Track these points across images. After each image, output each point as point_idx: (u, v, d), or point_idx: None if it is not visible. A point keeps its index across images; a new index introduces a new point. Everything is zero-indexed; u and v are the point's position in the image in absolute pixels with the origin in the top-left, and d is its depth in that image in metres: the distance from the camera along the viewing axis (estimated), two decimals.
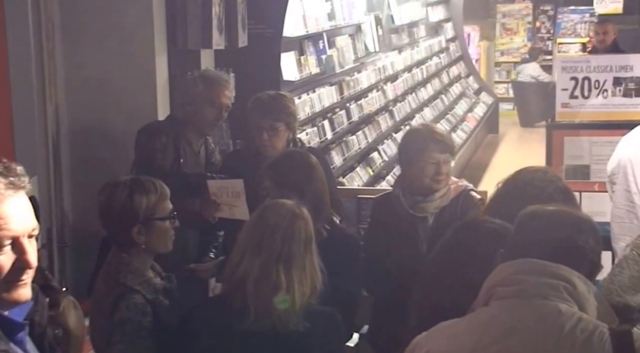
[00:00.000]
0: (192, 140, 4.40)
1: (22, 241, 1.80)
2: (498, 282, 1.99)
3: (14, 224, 1.79)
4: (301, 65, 6.90)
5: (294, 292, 2.68)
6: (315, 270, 2.77)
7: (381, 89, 9.25)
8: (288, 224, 2.74)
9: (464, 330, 1.97)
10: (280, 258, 2.69)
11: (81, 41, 4.80)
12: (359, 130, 8.22)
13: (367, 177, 8.03)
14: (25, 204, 1.83)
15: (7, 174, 1.81)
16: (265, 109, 4.19)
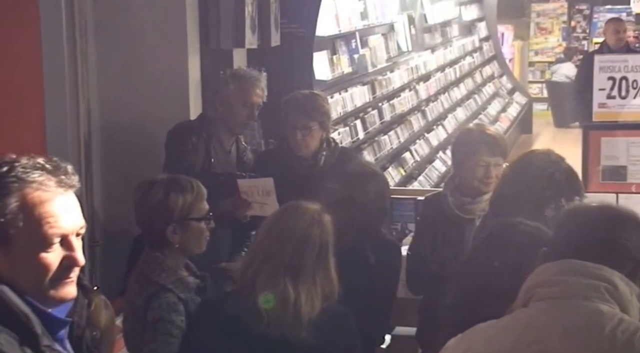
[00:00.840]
0: (224, 139, 4.41)
1: (70, 239, 1.83)
2: (538, 283, 1.96)
3: (64, 222, 1.81)
4: (333, 64, 6.89)
5: (301, 305, 2.63)
6: (328, 282, 2.70)
7: (413, 89, 9.21)
8: (303, 231, 2.68)
9: (502, 331, 1.95)
10: (290, 268, 2.64)
11: (113, 40, 4.82)
12: (391, 130, 8.20)
13: (399, 177, 8.00)
14: (74, 203, 1.86)
15: (56, 172, 1.83)
16: (300, 109, 4.19)
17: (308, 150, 4.19)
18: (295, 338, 2.62)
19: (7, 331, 1.75)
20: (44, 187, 1.80)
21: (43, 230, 1.78)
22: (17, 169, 1.80)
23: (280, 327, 2.62)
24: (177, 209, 3.06)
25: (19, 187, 1.78)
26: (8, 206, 1.77)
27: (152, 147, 4.54)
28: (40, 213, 1.78)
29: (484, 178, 3.61)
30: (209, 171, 4.26)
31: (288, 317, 2.62)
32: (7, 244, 1.79)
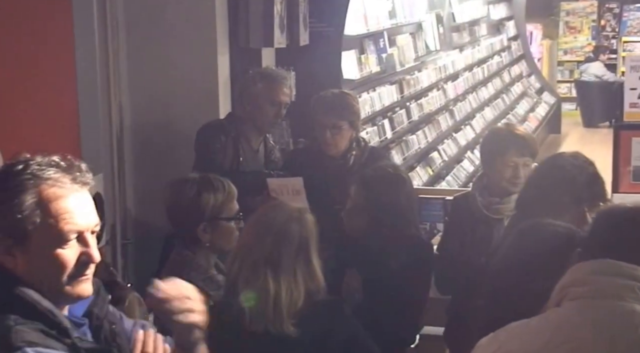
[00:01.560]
0: (252, 138, 4.43)
1: (86, 235, 1.84)
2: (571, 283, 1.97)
3: (80, 218, 1.83)
4: (361, 63, 6.90)
5: (282, 298, 2.61)
6: (311, 278, 2.67)
7: (441, 88, 9.20)
8: (281, 227, 2.66)
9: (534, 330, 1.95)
10: (269, 262, 2.62)
11: (144, 40, 4.86)
12: (419, 129, 8.19)
13: (427, 176, 7.99)
14: (89, 200, 1.87)
15: (71, 169, 1.85)
16: (329, 108, 4.19)
17: (338, 150, 4.19)
18: (279, 332, 2.60)
19: (36, 323, 1.77)
20: (60, 183, 1.81)
21: (60, 226, 1.80)
22: (32, 167, 1.81)
23: (263, 321, 2.61)
24: (208, 209, 3.09)
25: (34, 183, 1.80)
26: (25, 203, 1.78)
27: (182, 146, 4.58)
28: (56, 210, 1.80)
29: (513, 179, 3.58)
30: (237, 170, 4.29)
31: (269, 311, 2.60)
32: (25, 241, 1.80)
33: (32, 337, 1.74)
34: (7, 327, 1.74)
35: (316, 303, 2.68)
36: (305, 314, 2.63)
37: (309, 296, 2.67)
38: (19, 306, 1.78)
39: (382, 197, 3.37)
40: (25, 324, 1.76)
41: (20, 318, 1.76)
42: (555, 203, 2.97)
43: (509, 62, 12.86)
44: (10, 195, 1.79)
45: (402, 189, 3.44)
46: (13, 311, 1.77)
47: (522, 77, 13.40)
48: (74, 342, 1.80)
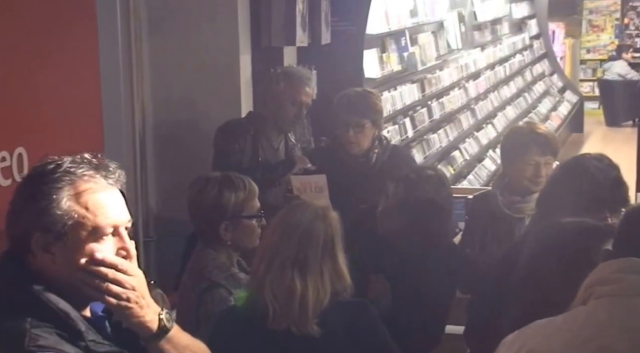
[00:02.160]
0: (272, 136, 4.45)
1: (122, 230, 1.85)
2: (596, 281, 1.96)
3: (115, 213, 1.84)
4: (383, 62, 6.89)
5: (308, 298, 2.61)
6: (338, 277, 2.67)
7: (463, 87, 9.18)
8: (306, 226, 2.66)
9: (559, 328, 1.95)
10: (296, 262, 2.62)
11: (167, 40, 4.89)
12: (440, 128, 8.18)
13: (448, 175, 7.94)
14: (121, 198, 1.88)
15: (102, 167, 1.86)
16: (352, 106, 4.20)
17: (360, 148, 4.20)
18: (301, 332, 2.61)
19: (49, 326, 1.77)
20: (94, 179, 1.83)
21: (96, 220, 1.80)
22: (66, 164, 1.83)
23: (286, 320, 2.61)
24: (230, 207, 3.10)
25: (70, 180, 1.81)
26: (62, 198, 1.79)
27: (204, 144, 4.59)
28: (93, 204, 1.80)
29: (534, 178, 3.56)
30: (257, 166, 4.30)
31: (294, 310, 2.60)
32: (63, 237, 1.81)
33: (46, 341, 1.74)
34: (22, 330, 1.74)
35: (341, 303, 2.68)
36: (329, 314, 2.64)
37: (335, 295, 2.67)
38: (34, 306, 1.78)
39: (424, 198, 3.32)
40: (40, 327, 1.75)
41: (36, 321, 1.76)
42: (576, 205, 2.91)
43: (531, 60, 12.80)
44: (48, 192, 1.80)
45: (443, 191, 3.40)
46: (29, 312, 1.77)
47: (544, 75, 13.34)
48: (87, 346, 1.80)
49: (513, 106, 11.11)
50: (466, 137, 8.93)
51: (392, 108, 6.93)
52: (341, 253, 2.71)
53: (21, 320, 1.75)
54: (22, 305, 1.78)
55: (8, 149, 2.98)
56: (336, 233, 2.71)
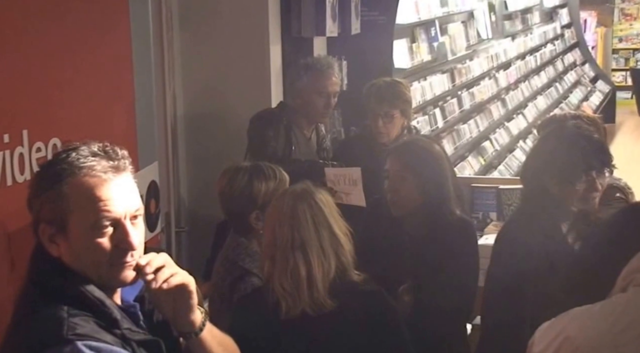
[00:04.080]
0: (303, 126, 4.46)
1: (123, 223, 1.85)
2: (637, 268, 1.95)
3: (115, 206, 1.84)
4: (413, 52, 6.87)
5: (315, 275, 2.63)
6: (339, 246, 2.69)
7: (493, 77, 9.13)
8: (291, 212, 2.67)
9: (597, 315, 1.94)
10: (295, 246, 2.64)
11: (198, 31, 4.92)
12: (470, 118, 8.15)
13: (479, 166, 7.94)
14: (127, 186, 1.88)
15: (108, 157, 1.88)
16: (381, 96, 4.22)
17: (389, 138, 4.21)
18: (317, 312, 2.62)
19: (87, 314, 1.79)
20: (94, 172, 1.83)
21: (94, 214, 1.82)
22: (71, 156, 1.85)
23: (299, 305, 2.63)
24: (260, 196, 3.13)
25: (70, 173, 1.83)
26: (61, 191, 1.82)
27: (234, 134, 4.62)
28: (89, 198, 1.82)
29: None
30: (290, 157, 4.32)
31: (303, 292, 2.62)
32: (64, 229, 1.83)
33: (83, 329, 1.76)
34: (60, 319, 1.76)
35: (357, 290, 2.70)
36: (343, 293, 2.65)
37: (343, 271, 2.69)
38: (69, 295, 1.80)
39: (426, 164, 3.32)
40: (78, 316, 1.78)
41: (72, 309, 1.78)
42: (564, 171, 2.98)
43: (562, 50, 12.69)
44: (49, 185, 1.84)
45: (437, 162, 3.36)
46: (64, 300, 1.79)
47: (575, 65, 13.22)
48: (123, 334, 1.82)
49: (544, 96, 11.03)
50: (496, 128, 8.89)
51: (422, 98, 6.91)
52: (337, 226, 2.71)
53: (59, 309, 1.78)
54: (58, 294, 1.81)
55: (44, 140, 3.02)
56: (324, 207, 2.72)
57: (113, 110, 3.49)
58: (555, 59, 12.17)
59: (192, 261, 4.75)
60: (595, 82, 13.76)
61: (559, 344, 1.96)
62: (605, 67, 15.29)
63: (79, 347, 1.73)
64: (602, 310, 1.95)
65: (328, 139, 4.72)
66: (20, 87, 2.92)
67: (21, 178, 2.91)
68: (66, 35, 3.16)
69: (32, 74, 2.99)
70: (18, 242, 2.76)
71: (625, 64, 16.05)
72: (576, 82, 12.85)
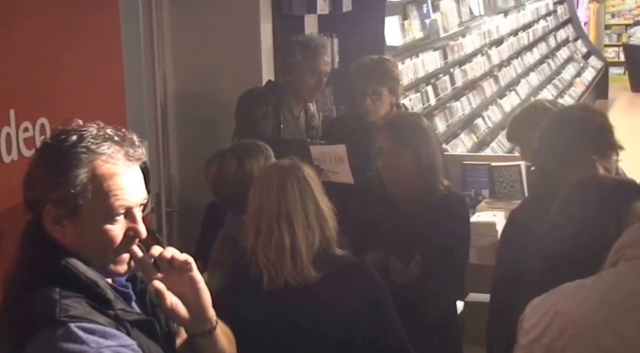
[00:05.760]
0: (292, 105, 4.45)
1: (134, 211, 1.86)
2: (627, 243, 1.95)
3: (130, 195, 1.84)
4: (405, 29, 6.83)
5: (299, 245, 2.67)
6: (324, 220, 2.73)
7: (486, 54, 9.10)
8: (278, 184, 2.72)
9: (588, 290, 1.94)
10: (281, 216, 2.69)
11: (188, 9, 4.88)
12: (462, 96, 8.13)
13: (471, 143, 7.95)
14: (139, 175, 1.88)
15: (124, 144, 1.86)
16: (369, 74, 4.21)
17: (378, 116, 4.20)
18: (299, 282, 2.66)
19: (79, 296, 1.78)
20: (113, 159, 1.82)
21: (110, 202, 1.81)
22: (87, 139, 1.82)
23: (282, 275, 2.67)
24: (254, 172, 3.20)
25: (89, 158, 1.80)
26: (78, 177, 1.79)
27: (224, 114, 4.59)
28: (108, 186, 1.81)
29: None
30: (279, 137, 4.30)
31: (287, 262, 2.66)
32: (75, 215, 1.81)
33: (76, 311, 1.75)
34: (53, 301, 1.75)
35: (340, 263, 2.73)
36: (327, 265, 2.69)
37: (327, 245, 2.73)
38: (62, 276, 1.79)
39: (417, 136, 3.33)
40: (70, 297, 1.77)
41: (65, 291, 1.77)
42: (564, 153, 3.03)
43: (555, 26, 12.66)
44: (65, 168, 1.80)
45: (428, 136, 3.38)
46: (57, 281, 1.78)
47: (568, 41, 13.19)
48: (117, 314, 1.81)
49: (537, 72, 11.02)
50: (489, 105, 8.88)
51: (414, 76, 6.89)
52: (321, 197, 2.76)
53: (50, 290, 1.77)
54: (50, 274, 1.80)
55: (31, 120, 2.99)
56: (311, 181, 2.77)
57: (102, 89, 3.47)
58: (548, 36, 12.14)
59: (183, 241, 4.74)
60: (588, 58, 13.74)
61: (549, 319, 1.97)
62: (598, 43, 15.27)
63: (72, 328, 1.72)
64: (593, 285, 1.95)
65: (319, 118, 4.70)
66: (6, 67, 2.90)
67: (8, 158, 2.89)
68: (53, 13, 3.13)
69: (18, 53, 2.96)
70: (5, 221, 2.74)
71: (618, 40, 16.03)
72: (569, 58, 12.82)
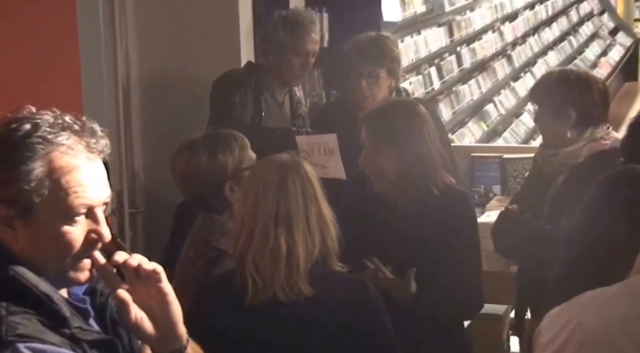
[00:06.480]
0: (275, 90, 4.46)
1: (96, 211, 1.85)
2: None
3: (92, 192, 1.83)
4: (405, 3, 6.83)
5: (297, 254, 2.67)
6: (326, 226, 2.74)
7: (498, 30, 9.12)
8: (279, 181, 2.72)
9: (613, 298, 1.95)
10: (279, 219, 2.68)
11: None
12: (471, 78, 8.15)
13: (481, 133, 7.97)
14: (102, 170, 1.88)
15: (85, 134, 1.85)
16: (365, 53, 4.21)
17: (375, 102, 4.19)
18: (290, 298, 2.65)
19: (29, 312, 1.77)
20: (73, 151, 1.81)
21: (69, 200, 1.80)
22: (43, 129, 1.81)
23: (272, 288, 2.66)
24: (229, 165, 3.21)
25: (45, 150, 1.79)
26: (33, 171, 1.78)
27: (198, 100, 4.59)
28: (67, 181, 1.79)
29: None
30: (260, 125, 4.31)
31: (280, 272, 2.66)
32: (29, 215, 1.80)
33: (25, 329, 1.73)
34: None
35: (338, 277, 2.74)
36: (322, 280, 2.68)
37: (326, 256, 2.73)
38: (11, 289, 1.78)
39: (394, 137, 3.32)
40: (18, 313, 1.75)
41: (13, 306, 1.76)
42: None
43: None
44: (17, 161, 1.79)
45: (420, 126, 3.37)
46: (3, 295, 1.76)
47: (592, 15, 13.22)
48: (73, 333, 1.80)
49: (556, 51, 11.04)
50: (501, 88, 8.90)
51: (415, 56, 6.89)
52: (323, 201, 2.77)
53: None
54: None
55: None
56: (311, 184, 2.77)
57: (54, 72, 3.47)
58: (569, 8, 12.16)
59: (149, 246, 4.74)
60: (615, 34, 13.78)
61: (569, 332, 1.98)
62: (627, 16, 15.30)
63: (21, 349, 1.71)
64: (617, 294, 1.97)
65: (307, 105, 4.71)
66: None
67: None
68: None
69: None
70: None
71: None
72: (593, 34, 12.86)
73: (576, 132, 3.59)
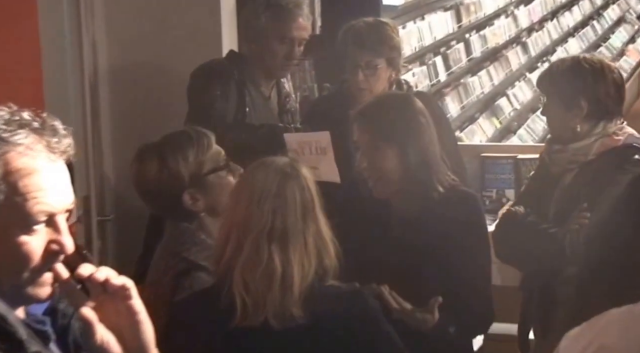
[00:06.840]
0: (261, 82, 4.47)
1: (58, 219, 1.85)
2: None
3: (52, 198, 1.83)
4: None
5: (292, 276, 2.66)
6: (324, 243, 2.73)
7: (511, 15, 9.14)
8: (277, 189, 2.71)
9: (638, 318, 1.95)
10: (273, 234, 2.67)
11: None
12: (481, 69, 8.19)
13: (493, 130, 7.99)
14: (64, 174, 1.87)
15: (46, 132, 1.84)
16: (362, 41, 4.22)
17: (373, 95, 4.20)
18: (282, 324, 2.65)
19: None
20: (32, 152, 1.81)
21: (27, 207, 1.80)
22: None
23: (264, 312, 2.65)
24: (186, 171, 3.15)
25: (0, 150, 1.80)
26: None
27: (175, 94, 4.58)
28: (25, 186, 1.79)
29: None
30: (243, 122, 4.31)
31: (275, 294, 2.65)
32: None
33: None
34: None
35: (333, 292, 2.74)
36: (318, 304, 2.68)
37: (323, 274, 2.73)
38: None
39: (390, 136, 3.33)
40: None
41: None
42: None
43: None
44: None
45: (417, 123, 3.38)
46: None
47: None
48: None
49: (577, 38, 11.08)
50: (515, 80, 8.93)
51: (418, 44, 6.92)
52: (322, 215, 2.76)
53: None
54: None
55: None
56: (311, 193, 2.76)
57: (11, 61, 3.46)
58: None
59: (119, 257, 4.74)
60: None
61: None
62: None
63: None
64: None
65: (296, 99, 4.72)
66: None
67: None
68: None
69: None
70: None
71: None
72: (619, 19, 12.91)
73: (587, 125, 3.60)
